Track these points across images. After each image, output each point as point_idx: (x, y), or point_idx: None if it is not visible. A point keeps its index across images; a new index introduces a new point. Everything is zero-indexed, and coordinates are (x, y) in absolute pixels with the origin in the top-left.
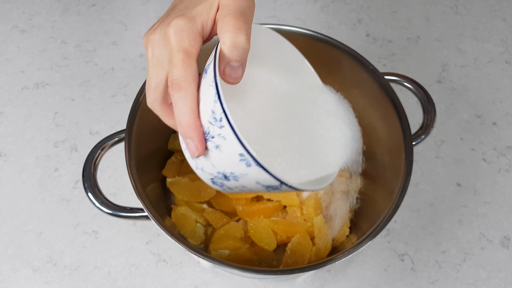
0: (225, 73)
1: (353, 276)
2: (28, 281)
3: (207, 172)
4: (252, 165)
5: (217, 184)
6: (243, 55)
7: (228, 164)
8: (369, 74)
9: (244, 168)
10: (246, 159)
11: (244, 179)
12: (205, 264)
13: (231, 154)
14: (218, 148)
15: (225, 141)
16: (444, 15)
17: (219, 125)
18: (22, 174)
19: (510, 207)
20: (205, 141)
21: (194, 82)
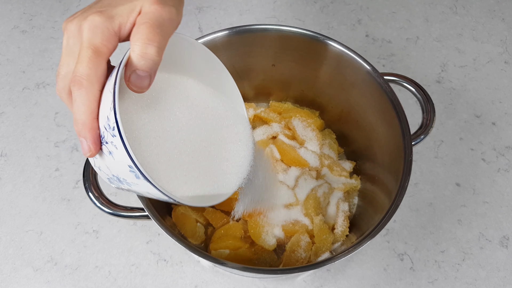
0: (130, 81)
1: (353, 275)
2: (29, 280)
3: (103, 172)
4: (140, 178)
5: (113, 184)
6: (152, 66)
7: (120, 171)
8: (368, 74)
9: (134, 178)
10: (134, 172)
11: (136, 187)
12: (205, 263)
13: (121, 164)
14: (111, 155)
15: (117, 150)
16: (443, 15)
17: (112, 133)
18: (23, 174)
19: (509, 207)
20: (99, 143)
21: (97, 82)
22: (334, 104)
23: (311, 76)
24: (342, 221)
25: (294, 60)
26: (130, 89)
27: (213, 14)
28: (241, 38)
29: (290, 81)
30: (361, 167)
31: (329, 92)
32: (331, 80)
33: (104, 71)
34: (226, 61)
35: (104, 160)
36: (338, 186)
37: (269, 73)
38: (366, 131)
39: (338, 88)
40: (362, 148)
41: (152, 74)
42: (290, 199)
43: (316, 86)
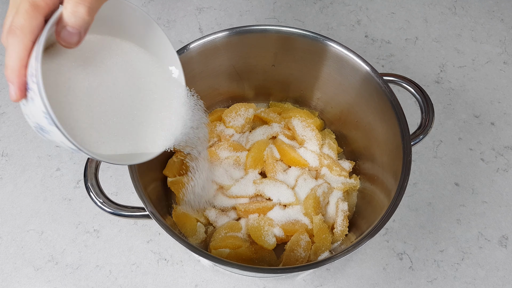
0: (60, 35)
1: (352, 274)
2: (30, 280)
3: (30, 120)
4: (52, 124)
5: (39, 132)
6: (81, 25)
7: (39, 118)
8: (368, 74)
9: (49, 125)
10: (47, 118)
11: (52, 135)
12: (206, 262)
13: (39, 109)
14: (33, 101)
15: (36, 96)
16: (442, 16)
17: (33, 80)
18: (24, 173)
19: (508, 207)
20: (25, 90)
21: (30, 34)
22: (333, 104)
23: (311, 77)
24: (342, 221)
25: (294, 61)
26: (60, 43)
27: (213, 15)
28: (241, 38)
29: (290, 81)
30: (361, 167)
31: (328, 92)
32: (330, 80)
33: (39, 25)
34: (226, 62)
35: (29, 107)
36: (338, 186)
37: (269, 74)
38: (366, 131)
39: (338, 88)
40: (361, 148)
41: (82, 32)
42: (290, 198)
43: (316, 87)
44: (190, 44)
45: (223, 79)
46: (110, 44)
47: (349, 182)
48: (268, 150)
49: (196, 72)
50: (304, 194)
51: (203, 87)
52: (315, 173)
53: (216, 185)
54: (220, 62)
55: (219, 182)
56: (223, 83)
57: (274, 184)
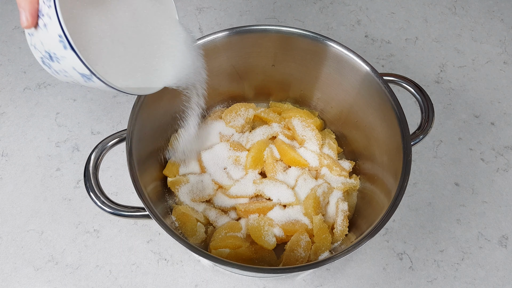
0: None
1: (352, 274)
2: (30, 280)
3: (38, 50)
4: (67, 47)
5: (46, 64)
6: None
7: (51, 43)
8: (368, 74)
9: (62, 50)
10: (63, 41)
11: (64, 62)
12: (206, 262)
13: (53, 34)
14: (46, 27)
15: (50, 20)
16: (442, 16)
17: (48, 4)
18: (24, 173)
19: (508, 207)
20: (36, 16)
21: None
22: (333, 104)
23: (311, 76)
24: (342, 221)
25: (294, 61)
26: None
27: (213, 15)
28: (241, 38)
29: (290, 81)
30: (361, 167)
31: (328, 93)
32: (330, 80)
33: None
34: (226, 62)
35: (39, 35)
36: (338, 186)
37: (269, 74)
38: (366, 131)
39: (338, 88)
40: (361, 148)
41: None
42: (290, 198)
43: (316, 87)
44: None
45: (223, 79)
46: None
47: (349, 182)
48: (268, 150)
49: None
50: (304, 194)
51: None
52: (315, 173)
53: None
54: (220, 62)
55: (219, 182)
56: (223, 83)
57: (274, 184)
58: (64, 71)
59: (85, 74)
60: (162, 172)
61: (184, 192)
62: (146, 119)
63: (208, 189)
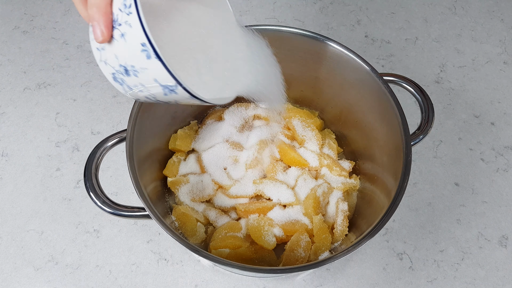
0: None
1: (352, 274)
2: (30, 280)
3: (109, 65)
4: (151, 57)
5: (117, 81)
6: None
7: (130, 55)
8: (368, 74)
9: (144, 60)
10: (147, 50)
11: (143, 74)
12: (206, 262)
13: (133, 43)
14: (123, 37)
15: (130, 29)
16: (442, 16)
17: (127, 12)
18: (24, 173)
19: (508, 207)
20: (111, 28)
21: None
22: (333, 104)
23: (311, 76)
24: (342, 221)
25: (294, 61)
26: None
27: None
28: None
29: (290, 81)
30: (361, 167)
31: (328, 92)
32: (330, 80)
33: None
34: None
35: (113, 48)
36: (338, 186)
37: None
38: (366, 131)
39: (338, 88)
40: (361, 148)
41: None
42: (290, 198)
43: (316, 86)
44: None
45: None
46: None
47: (349, 182)
48: (268, 150)
49: None
50: (304, 194)
51: None
52: (315, 173)
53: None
54: None
55: (219, 182)
56: None
57: (274, 184)
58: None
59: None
60: (162, 172)
61: (184, 192)
62: (146, 119)
63: (208, 189)
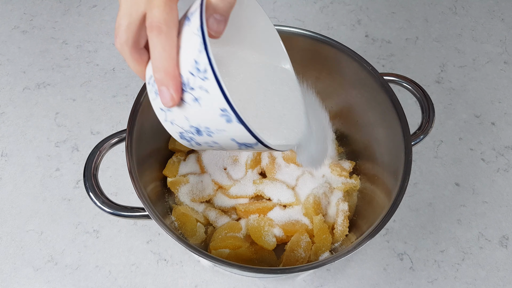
0: (208, 25)
1: (353, 275)
2: (29, 280)
3: (177, 125)
4: (233, 121)
5: (185, 138)
6: (229, 10)
7: (205, 118)
8: (368, 74)
9: (223, 124)
10: (227, 115)
11: (219, 135)
12: (206, 263)
13: (211, 109)
14: (197, 101)
15: (207, 94)
16: (443, 15)
17: (202, 77)
18: (24, 174)
19: (508, 207)
20: (181, 92)
21: (175, 27)
22: (334, 104)
23: (311, 76)
24: (342, 221)
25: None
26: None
27: None
28: None
29: None
30: (361, 167)
31: (329, 92)
32: (330, 80)
33: (177, 16)
34: None
35: (184, 111)
36: (338, 186)
37: None
38: (366, 131)
39: (338, 88)
40: (361, 148)
41: (227, 19)
42: (290, 199)
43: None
44: None
45: None
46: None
47: (350, 182)
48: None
49: None
50: (305, 194)
51: None
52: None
53: None
54: None
55: (219, 182)
56: None
57: (274, 184)
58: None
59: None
60: (162, 172)
61: (184, 192)
62: (146, 119)
63: (208, 189)
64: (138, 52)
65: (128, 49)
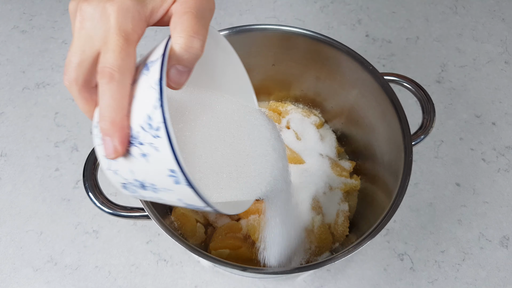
0: (169, 76)
1: (353, 275)
2: (29, 280)
3: (120, 176)
4: (181, 183)
5: (128, 189)
6: (194, 61)
7: (152, 175)
8: (368, 74)
9: (171, 184)
10: (176, 177)
11: (165, 193)
12: (205, 263)
13: (159, 168)
14: (145, 157)
15: (157, 153)
16: (443, 15)
17: (153, 134)
18: (23, 174)
19: (509, 207)
20: (127, 144)
21: (129, 75)
22: (334, 104)
23: (311, 76)
24: (342, 221)
25: (294, 60)
26: (167, 85)
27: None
28: (241, 38)
29: (290, 81)
30: (361, 167)
31: (329, 92)
32: (331, 80)
33: (134, 62)
34: None
35: (130, 164)
36: (338, 186)
37: (269, 73)
38: (366, 130)
39: (338, 88)
40: (362, 148)
41: (191, 70)
42: None
43: (316, 86)
44: None
45: None
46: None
47: (350, 182)
48: None
49: None
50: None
51: None
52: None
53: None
54: None
55: None
56: None
57: None
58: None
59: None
60: None
61: None
62: None
63: None
64: (88, 91)
65: (77, 88)
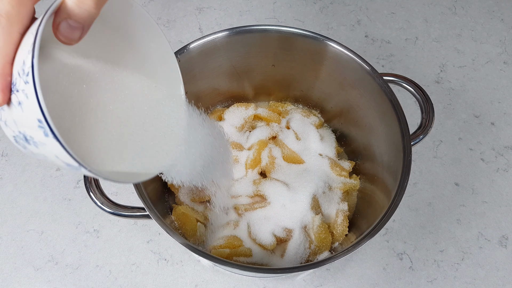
0: (59, 29)
1: (352, 274)
2: (30, 280)
3: (9, 128)
4: (49, 135)
5: (20, 144)
6: (86, 19)
7: (27, 126)
8: (368, 74)
9: (42, 136)
10: (43, 128)
11: (43, 148)
12: (206, 262)
13: (30, 117)
14: (20, 105)
15: (27, 100)
16: (442, 16)
17: (24, 80)
18: (24, 173)
19: (508, 207)
20: (9, 92)
21: (19, 24)
22: (333, 104)
23: (311, 76)
24: (342, 221)
25: (294, 60)
26: (58, 38)
27: (213, 15)
28: (241, 38)
29: (290, 81)
30: (361, 166)
31: (328, 92)
32: (330, 80)
33: (29, 13)
34: (226, 62)
35: (12, 113)
36: (338, 186)
37: (269, 73)
38: (366, 131)
39: (338, 88)
40: (361, 148)
41: (85, 28)
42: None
43: (316, 86)
44: (190, 44)
45: (223, 79)
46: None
47: (349, 182)
48: (268, 150)
49: (196, 72)
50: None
51: (203, 87)
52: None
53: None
54: (220, 62)
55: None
56: (223, 83)
57: (274, 184)
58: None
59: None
60: None
61: (184, 192)
62: None
63: None
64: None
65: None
